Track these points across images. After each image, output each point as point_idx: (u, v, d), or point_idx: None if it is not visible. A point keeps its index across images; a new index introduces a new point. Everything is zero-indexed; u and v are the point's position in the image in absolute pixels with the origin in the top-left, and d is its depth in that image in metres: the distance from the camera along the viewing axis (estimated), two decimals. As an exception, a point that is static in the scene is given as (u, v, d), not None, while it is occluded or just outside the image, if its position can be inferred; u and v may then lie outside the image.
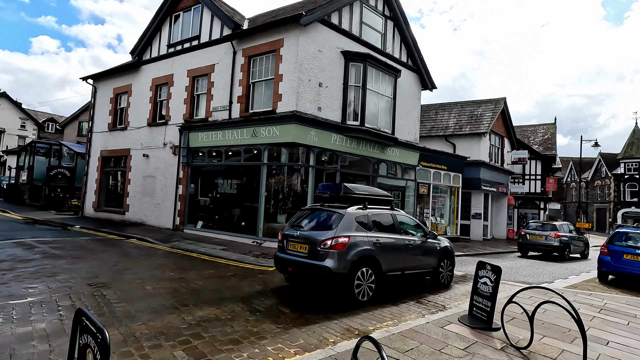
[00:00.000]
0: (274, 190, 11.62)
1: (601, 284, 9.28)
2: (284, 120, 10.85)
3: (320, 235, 5.86)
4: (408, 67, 15.15)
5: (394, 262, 6.46)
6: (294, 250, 6.13)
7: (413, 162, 15.16)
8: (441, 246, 7.63)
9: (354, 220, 6.08)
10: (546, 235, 14.36)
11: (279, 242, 6.59)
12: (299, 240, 6.09)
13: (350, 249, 5.74)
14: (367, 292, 5.86)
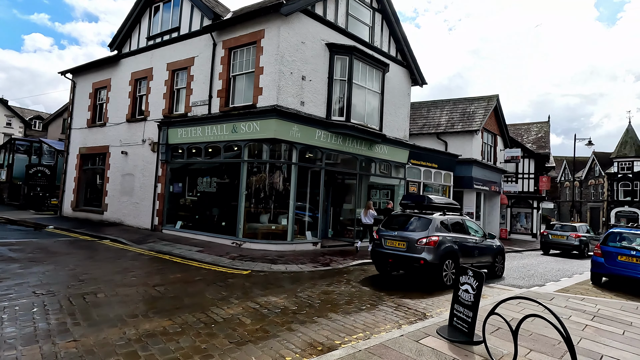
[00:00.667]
0: (255, 188, 11.08)
1: (594, 287, 8.85)
2: (264, 115, 10.31)
3: (416, 235, 7.65)
4: (397, 61, 14.66)
5: (466, 257, 8.17)
6: (393, 246, 7.88)
7: (402, 160, 14.68)
8: (496, 245, 9.44)
9: (439, 224, 7.87)
10: (567, 235, 16.44)
11: (375, 240, 8.46)
12: (397, 239, 7.86)
13: (439, 245, 7.48)
14: (450, 278, 7.59)
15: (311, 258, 9.86)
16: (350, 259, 10.07)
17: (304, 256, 10.04)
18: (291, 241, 10.86)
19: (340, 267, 9.14)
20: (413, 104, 23.39)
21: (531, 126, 29.32)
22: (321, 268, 8.75)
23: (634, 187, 38.86)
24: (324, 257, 10.12)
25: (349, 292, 6.62)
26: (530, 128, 29.18)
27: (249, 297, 5.81)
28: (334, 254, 10.86)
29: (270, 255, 9.74)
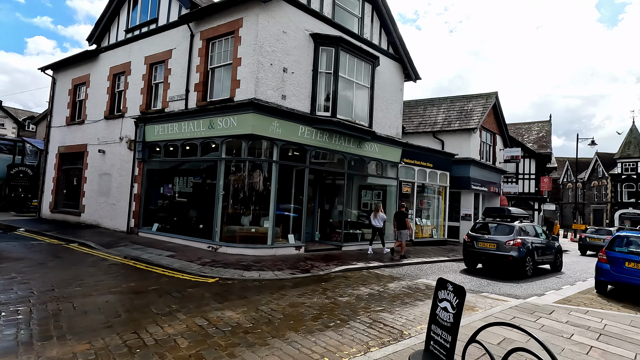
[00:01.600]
0: (234, 189, 10.34)
1: (599, 296, 8.05)
2: (241, 109, 9.58)
3: (504, 238, 10.04)
4: (389, 55, 13.92)
5: (539, 254, 10.58)
6: (484, 247, 10.26)
7: (395, 159, 13.92)
8: (556, 244, 12.06)
9: (520, 229, 10.30)
10: (603, 238, 17.87)
11: (467, 242, 10.74)
12: (488, 241, 10.27)
13: (522, 245, 9.86)
14: (531, 270, 10.11)
15: (291, 264, 9.10)
16: (334, 265, 9.30)
17: (283, 261, 9.28)
18: (271, 245, 10.10)
19: (320, 273, 8.38)
20: (409, 103, 22.65)
21: (532, 125, 28.51)
22: (299, 275, 7.99)
23: (638, 188, 37.93)
24: (306, 263, 9.35)
25: (321, 304, 5.85)
26: (531, 127, 28.37)
27: (201, 311, 5.06)
28: (317, 259, 10.10)
29: (246, 261, 8.99)
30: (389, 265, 10.24)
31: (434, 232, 16.38)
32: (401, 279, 8.42)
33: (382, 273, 9.07)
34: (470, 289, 7.77)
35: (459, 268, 10.89)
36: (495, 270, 10.48)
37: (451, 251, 14.46)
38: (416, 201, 15.43)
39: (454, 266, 11.25)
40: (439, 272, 9.74)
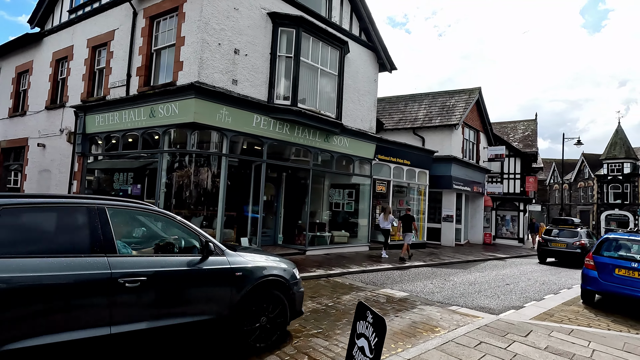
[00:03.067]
0: (178, 186, 9.09)
1: (586, 308, 7.01)
2: (181, 93, 8.36)
3: (571, 240, 13.81)
4: (361, 42, 12.83)
5: None
6: (556, 246, 14.01)
7: (367, 155, 12.81)
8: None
9: (581, 233, 14.04)
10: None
11: (541, 242, 14.57)
12: (558, 241, 14.04)
13: (585, 245, 13.15)
14: None
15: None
16: (287, 273, 8.08)
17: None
18: (219, 250, 8.84)
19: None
20: (390, 99, 21.65)
21: (518, 124, 27.79)
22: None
23: (624, 189, 37.62)
24: (255, 270, 8.11)
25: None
26: (516, 126, 27.64)
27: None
28: (272, 265, 8.86)
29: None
30: (365, 270, 9.10)
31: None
32: (362, 289, 7.28)
33: (343, 282, 7.91)
34: (439, 301, 6.66)
35: (453, 271, 9.79)
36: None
37: (430, 254, 13.39)
38: (392, 201, 14.35)
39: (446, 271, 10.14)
40: (432, 277, 8.62)
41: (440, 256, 13.31)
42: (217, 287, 3.66)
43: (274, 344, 3.97)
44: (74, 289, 2.86)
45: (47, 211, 3.03)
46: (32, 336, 2.64)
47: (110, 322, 2.97)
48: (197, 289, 3.58)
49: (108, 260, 3.03)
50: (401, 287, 7.74)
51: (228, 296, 3.66)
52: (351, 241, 12.80)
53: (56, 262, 2.83)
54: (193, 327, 3.43)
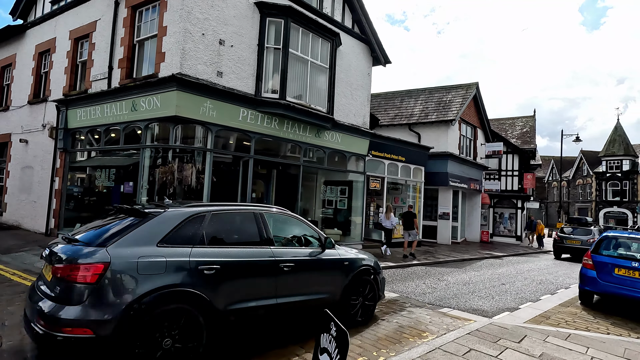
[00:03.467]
0: (161, 182, 8.72)
1: (584, 310, 6.70)
2: (163, 85, 7.99)
3: (585, 237, 15.28)
4: (354, 35, 12.45)
5: None
6: (571, 243, 15.52)
7: (361, 151, 12.46)
8: None
9: (595, 231, 15.69)
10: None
11: (557, 240, 16.13)
12: (573, 238, 15.60)
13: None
14: None
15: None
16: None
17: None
18: (204, 249, 8.51)
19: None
20: (386, 94, 21.29)
21: (516, 121, 27.45)
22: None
23: (622, 186, 37.38)
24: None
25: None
26: (515, 123, 27.30)
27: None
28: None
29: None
30: None
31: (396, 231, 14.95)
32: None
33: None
34: (430, 302, 6.34)
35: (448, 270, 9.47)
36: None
37: (425, 253, 13.08)
38: (386, 198, 14.02)
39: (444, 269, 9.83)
40: (425, 276, 8.29)
41: (435, 255, 12.99)
42: (334, 272, 4.72)
43: (369, 319, 5.05)
44: (256, 269, 3.92)
45: (234, 215, 4.11)
46: (242, 302, 3.70)
47: (275, 295, 3.98)
48: (322, 273, 4.63)
49: (272, 250, 4.08)
50: (392, 287, 7.41)
51: (340, 280, 4.72)
52: (344, 240, 12.45)
53: (243, 251, 3.90)
54: (319, 302, 4.37)
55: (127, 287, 3.02)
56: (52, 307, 2.89)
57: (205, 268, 3.41)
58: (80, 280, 2.90)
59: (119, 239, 3.18)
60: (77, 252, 3.07)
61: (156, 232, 3.34)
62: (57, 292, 2.96)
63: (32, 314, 3.05)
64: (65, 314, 2.83)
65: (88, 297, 2.89)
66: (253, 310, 3.75)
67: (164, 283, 3.13)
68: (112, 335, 2.84)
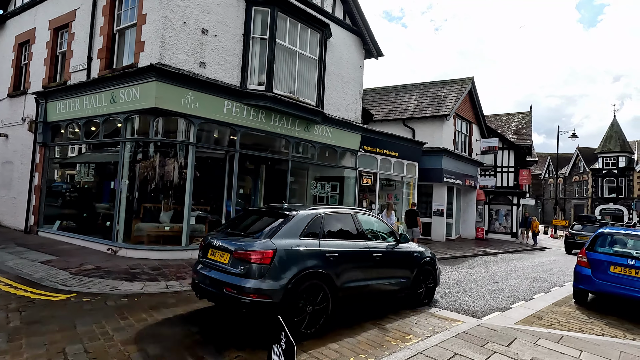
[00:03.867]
0: (143, 178, 8.38)
1: (578, 309, 6.45)
2: (142, 76, 7.64)
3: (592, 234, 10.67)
4: (345, 26, 12.10)
5: None
6: (582, 239, 15.73)
7: (352, 146, 12.15)
8: None
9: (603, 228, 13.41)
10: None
11: (568, 236, 17.53)
12: (583, 235, 16.27)
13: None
14: None
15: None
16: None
17: (194, 267, 7.42)
18: (186, 247, 8.22)
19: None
20: (380, 89, 20.96)
21: (512, 117, 27.20)
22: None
23: (618, 183, 37.30)
24: (223, 269, 7.51)
25: (186, 334, 4.03)
26: (511, 119, 27.06)
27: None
28: (243, 262, 8.27)
29: (143, 267, 7.09)
30: None
31: (400, 229, 14.70)
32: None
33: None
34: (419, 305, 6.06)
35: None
36: None
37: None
38: (379, 194, 13.74)
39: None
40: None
41: (428, 252, 12.72)
42: (408, 261, 5.76)
43: (430, 300, 6.09)
44: (359, 257, 4.97)
45: (339, 215, 5.18)
46: (351, 281, 4.74)
47: (370, 278, 5.05)
48: (400, 262, 5.68)
49: (366, 243, 5.16)
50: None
51: (412, 268, 5.74)
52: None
53: (349, 242, 4.94)
54: (399, 285, 5.53)
55: (288, 266, 4.13)
56: (240, 280, 4.01)
57: (329, 255, 4.52)
58: (260, 262, 4.00)
59: (277, 233, 4.27)
60: (255, 243, 4.17)
61: (297, 228, 4.46)
62: (241, 270, 4.04)
63: (214, 283, 4.21)
64: (249, 285, 3.95)
65: (265, 274, 3.99)
66: (356, 289, 4.85)
67: (307, 265, 4.27)
68: (281, 301, 3.97)
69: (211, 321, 4.59)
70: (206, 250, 4.58)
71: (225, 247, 4.30)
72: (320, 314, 4.29)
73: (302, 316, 4.13)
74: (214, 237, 4.59)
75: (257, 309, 3.94)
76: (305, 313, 4.16)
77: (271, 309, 3.90)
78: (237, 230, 4.74)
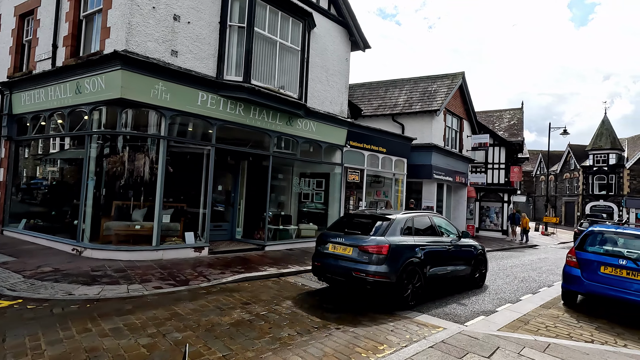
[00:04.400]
0: (112, 173, 7.90)
1: (567, 312, 6.12)
2: (106, 64, 7.13)
3: None
4: (330, 16, 11.64)
5: None
6: None
7: (338, 141, 11.73)
8: None
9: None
10: None
11: (577, 232, 18.50)
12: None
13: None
14: None
15: (173, 271, 6.79)
16: (233, 272, 7.04)
17: (164, 268, 6.96)
18: (156, 247, 7.74)
19: (203, 285, 6.13)
20: (370, 84, 20.54)
21: (504, 113, 26.98)
22: (166, 290, 5.71)
23: (609, 180, 37.40)
24: (195, 270, 7.05)
25: (129, 347, 3.59)
26: (502, 115, 26.83)
27: None
28: (219, 264, 7.81)
29: (109, 269, 6.62)
30: None
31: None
32: (312, 292, 6.26)
33: (296, 282, 6.89)
34: (392, 310, 5.68)
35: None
36: None
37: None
38: (367, 191, 13.35)
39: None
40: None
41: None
42: (469, 253, 7.30)
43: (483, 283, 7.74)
44: (438, 250, 6.45)
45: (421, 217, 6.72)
46: (433, 267, 6.19)
47: (445, 265, 6.58)
48: (464, 254, 7.17)
49: (441, 239, 6.69)
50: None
51: (472, 258, 7.32)
52: (320, 235, 11.80)
53: (430, 238, 6.42)
54: (464, 272, 7.12)
55: (398, 256, 5.58)
56: (365, 267, 5.41)
57: (420, 247, 5.98)
58: (379, 253, 5.43)
59: (387, 232, 5.73)
60: (376, 239, 5.58)
61: (399, 228, 5.93)
62: (366, 259, 5.46)
63: (343, 269, 5.62)
64: (372, 269, 5.35)
65: (383, 261, 5.39)
66: (437, 273, 6.30)
67: (408, 255, 5.73)
68: (396, 281, 5.40)
69: (165, 328, 4.15)
70: (324, 244, 6.07)
71: (349, 243, 5.74)
72: (417, 291, 5.79)
73: (407, 292, 5.62)
74: (332, 236, 6.06)
75: (379, 287, 5.36)
76: (409, 290, 5.66)
77: (389, 287, 5.40)
78: (352, 230, 6.06)
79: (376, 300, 5.79)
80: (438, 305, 5.97)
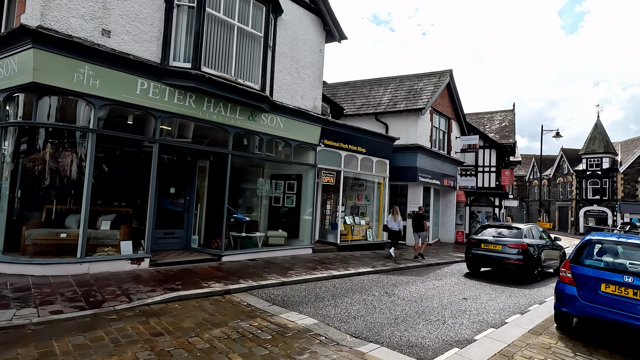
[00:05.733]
0: (27, 172, 6.75)
1: (561, 339, 5.04)
2: (17, 43, 6.02)
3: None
4: (302, 3, 10.63)
5: None
6: None
7: (310, 140, 10.67)
8: None
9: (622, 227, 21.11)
10: None
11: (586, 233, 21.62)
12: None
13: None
14: None
15: (92, 289, 5.62)
16: (167, 291, 5.88)
17: (85, 286, 5.80)
18: (82, 259, 6.57)
19: (119, 308, 4.98)
20: (355, 83, 19.57)
21: (495, 115, 26.16)
22: (62, 315, 4.56)
23: (602, 184, 36.71)
24: (123, 287, 5.89)
25: None
26: (493, 117, 26.01)
27: None
28: (156, 279, 6.65)
29: (8, 288, 5.44)
30: (285, 282, 6.93)
31: (368, 233, 13.26)
32: (254, 315, 5.14)
33: (242, 301, 5.76)
34: (354, 334, 4.57)
35: (404, 280, 7.73)
36: None
37: (386, 258, 11.35)
38: (345, 195, 12.28)
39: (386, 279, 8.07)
40: (370, 289, 6.51)
41: (398, 259, 11.29)
42: (557, 251, 11.10)
43: None
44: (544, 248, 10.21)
45: (532, 225, 10.75)
46: (544, 260, 10.00)
47: (544, 260, 10.05)
48: (554, 253, 10.89)
49: (543, 241, 10.39)
50: (315, 308, 5.63)
51: (558, 257, 11.12)
52: (291, 242, 10.68)
53: (539, 240, 10.19)
54: (555, 265, 10.80)
55: (530, 250, 9.30)
56: (510, 257, 9.26)
57: (537, 246, 9.69)
58: (521, 248, 9.22)
59: (521, 235, 9.54)
60: (518, 241, 9.34)
61: (527, 233, 9.76)
62: (513, 252, 9.26)
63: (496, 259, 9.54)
64: (514, 257, 9.26)
65: (522, 253, 9.18)
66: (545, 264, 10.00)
67: (533, 250, 9.44)
68: (526, 264, 9.19)
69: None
70: (478, 245, 9.88)
71: (499, 243, 9.50)
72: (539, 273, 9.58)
73: (535, 272, 9.37)
74: (483, 236, 10.02)
75: (518, 267, 9.15)
76: (537, 271, 9.42)
77: (524, 268, 9.15)
78: (498, 236, 9.78)
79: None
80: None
